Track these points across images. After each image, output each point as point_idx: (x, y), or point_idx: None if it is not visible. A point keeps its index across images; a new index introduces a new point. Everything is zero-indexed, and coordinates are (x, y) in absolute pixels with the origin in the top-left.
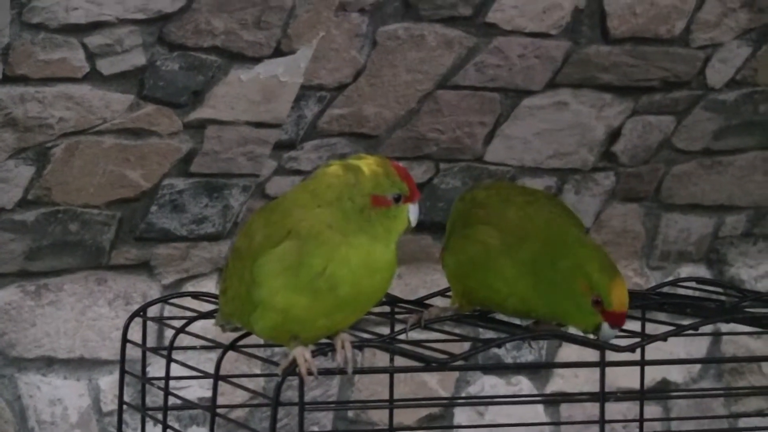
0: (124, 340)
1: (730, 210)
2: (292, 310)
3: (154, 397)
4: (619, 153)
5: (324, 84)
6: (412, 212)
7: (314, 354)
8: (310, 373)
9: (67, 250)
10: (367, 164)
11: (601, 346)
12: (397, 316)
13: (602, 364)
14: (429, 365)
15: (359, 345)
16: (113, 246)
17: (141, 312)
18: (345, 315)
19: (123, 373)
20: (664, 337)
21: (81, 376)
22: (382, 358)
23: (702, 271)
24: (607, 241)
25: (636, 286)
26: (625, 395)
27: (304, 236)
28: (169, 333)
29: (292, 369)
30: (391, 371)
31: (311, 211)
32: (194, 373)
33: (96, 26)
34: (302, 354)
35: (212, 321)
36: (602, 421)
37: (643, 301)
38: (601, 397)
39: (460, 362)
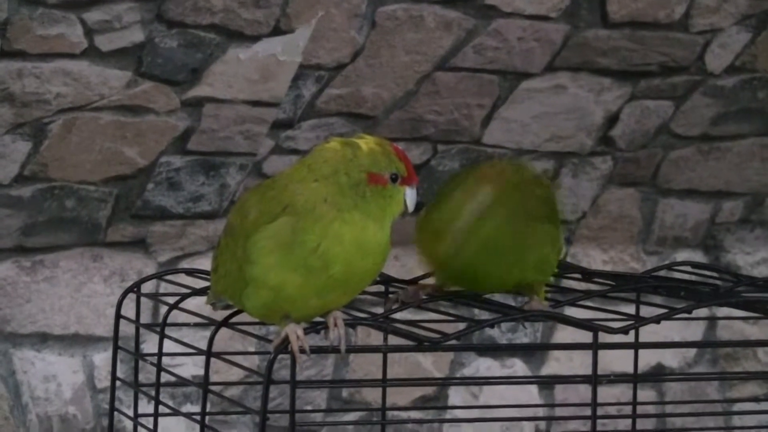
0: (118, 316)
1: (728, 196)
2: (285, 287)
3: (149, 374)
4: (616, 137)
5: (322, 64)
6: (410, 196)
7: (306, 332)
8: (302, 351)
9: (63, 227)
10: (366, 142)
11: (595, 327)
12: (391, 296)
13: (595, 346)
14: (421, 344)
15: (352, 323)
16: (109, 223)
17: (135, 288)
18: (337, 295)
19: (116, 349)
20: (656, 320)
21: (75, 353)
22: (377, 338)
23: (698, 257)
24: (603, 226)
25: (632, 271)
26: (617, 378)
27: (299, 211)
28: (164, 310)
29: (284, 347)
30: (384, 350)
31: (308, 186)
32: (187, 350)
33: (94, 2)
34: (294, 331)
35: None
36: (594, 404)
37: (638, 284)
38: (594, 379)
39: (453, 342)
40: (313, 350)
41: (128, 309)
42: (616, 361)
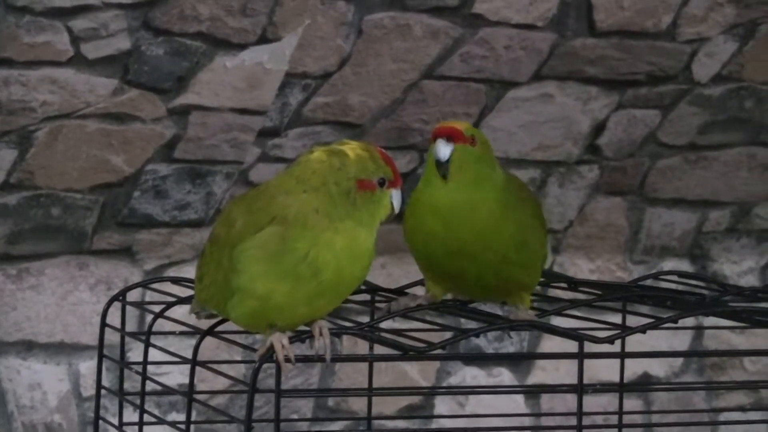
0: (103, 324)
1: (714, 205)
2: (273, 296)
3: (135, 383)
4: (603, 146)
5: (309, 72)
6: (396, 198)
7: (292, 341)
8: (287, 360)
9: (49, 235)
10: (352, 149)
11: (581, 337)
12: (378, 305)
13: (580, 356)
14: (407, 353)
15: (337, 332)
16: (95, 231)
17: (120, 296)
18: (325, 302)
19: (101, 357)
20: (643, 329)
21: (61, 361)
22: (363, 347)
23: (685, 266)
24: (590, 235)
25: (618, 280)
26: (603, 387)
27: (290, 221)
28: (149, 318)
29: (269, 356)
30: (370, 359)
31: (297, 197)
32: (173, 359)
33: (81, 10)
34: (279, 340)
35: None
36: (580, 413)
37: (624, 294)
38: (579, 388)
39: (438, 351)
40: (299, 359)
41: (114, 317)
42: (603, 371)
